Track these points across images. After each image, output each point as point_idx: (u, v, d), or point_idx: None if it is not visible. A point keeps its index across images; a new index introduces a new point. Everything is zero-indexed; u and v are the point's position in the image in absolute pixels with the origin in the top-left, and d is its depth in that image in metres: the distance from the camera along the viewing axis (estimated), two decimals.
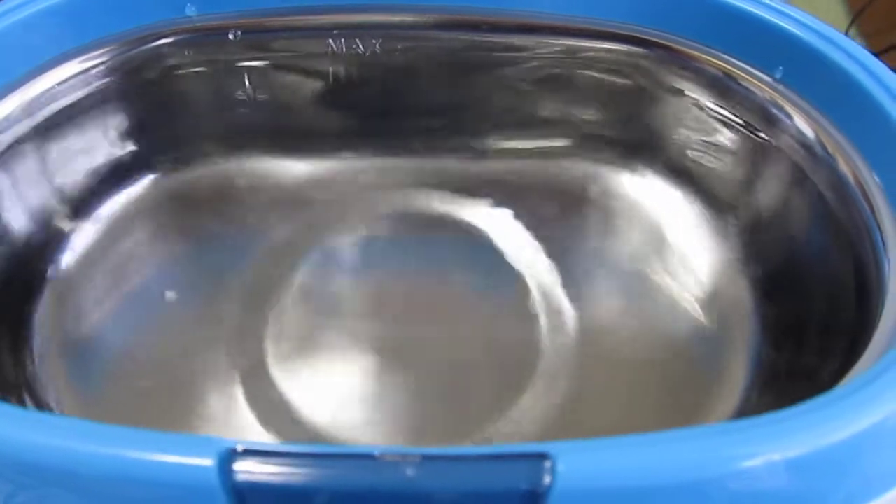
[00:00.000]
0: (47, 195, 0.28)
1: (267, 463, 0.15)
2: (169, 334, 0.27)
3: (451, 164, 0.31)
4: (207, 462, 0.15)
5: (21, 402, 0.23)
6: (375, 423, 0.25)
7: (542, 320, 0.27)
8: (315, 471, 0.15)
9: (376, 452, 0.15)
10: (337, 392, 0.25)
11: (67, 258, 0.28)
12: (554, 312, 0.27)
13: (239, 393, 0.25)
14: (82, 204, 0.29)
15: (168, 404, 0.25)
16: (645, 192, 0.30)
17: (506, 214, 0.30)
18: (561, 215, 0.30)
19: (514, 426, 0.24)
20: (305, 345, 0.27)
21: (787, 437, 0.15)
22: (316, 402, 0.25)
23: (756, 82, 0.27)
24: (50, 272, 0.27)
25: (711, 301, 0.27)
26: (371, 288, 0.28)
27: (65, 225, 0.28)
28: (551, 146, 0.31)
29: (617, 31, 0.29)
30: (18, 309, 0.26)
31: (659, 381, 0.26)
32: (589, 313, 0.27)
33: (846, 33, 0.26)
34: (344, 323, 0.27)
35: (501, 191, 0.31)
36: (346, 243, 0.30)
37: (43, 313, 0.26)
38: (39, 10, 0.26)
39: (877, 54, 0.25)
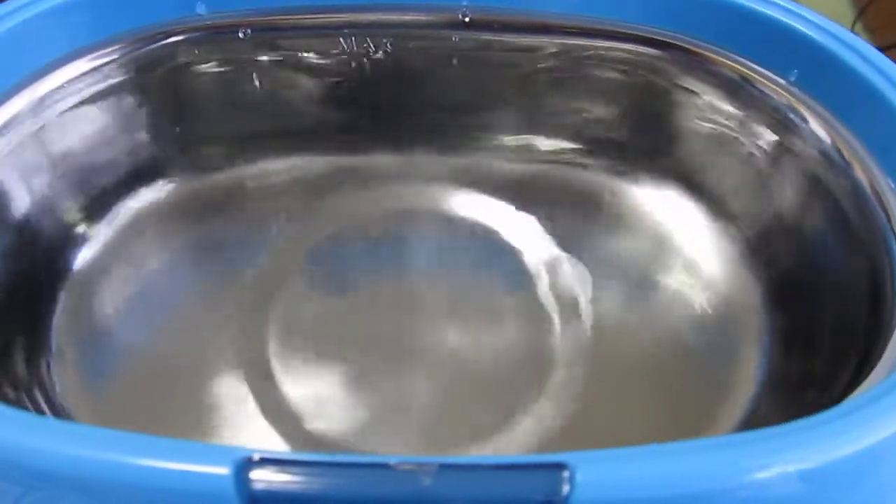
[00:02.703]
0: (57, 194, 0.28)
1: (283, 472, 0.15)
2: (181, 335, 0.27)
3: (463, 165, 0.31)
4: (223, 471, 0.15)
5: (34, 403, 0.24)
6: (387, 427, 0.25)
7: (557, 324, 0.27)
8: (331, 480, 0.15)
9: (392, 461, 0.15)
10: (348, 395, 0.25)
11: (79, 259, 0.28)
12: (568, 316, 0.27)
13: (248, 395, 0.25)
14: (92, 203, 0.28)
15: (178, 406, 0.25)
16: (658, 195, 0.30)
17: (519, 215, 0.30)
18: (574, 217, 0.30)
19: (530, 429, 0.24)
20: (315, 347, 0.26)
21: (801, 449, 0.15)
22: (326, 405, 0.25)
23: (771, 85, 0.27)
24: (62, 273, 0.27)
25: (723, 308, 0.27)
26: (382, 289, 0.28)
27: (76, 225, 0.28)
28: (564, 147, 0.31)
29: (632, 31, 0.29)
30: (33, 310, 0.26)
31: (671, 386, 0.26)
32: (602, 318, 0.27)
33: (852, 28, 0.26)
34: (355, 325, 0.27)
35: (514, 191, 0.30)
36: (356, 243, 0.29)
37: (57, 314, 0.26)
38: (48, 9, 0.26)
39: (883, 49, 0.24)
